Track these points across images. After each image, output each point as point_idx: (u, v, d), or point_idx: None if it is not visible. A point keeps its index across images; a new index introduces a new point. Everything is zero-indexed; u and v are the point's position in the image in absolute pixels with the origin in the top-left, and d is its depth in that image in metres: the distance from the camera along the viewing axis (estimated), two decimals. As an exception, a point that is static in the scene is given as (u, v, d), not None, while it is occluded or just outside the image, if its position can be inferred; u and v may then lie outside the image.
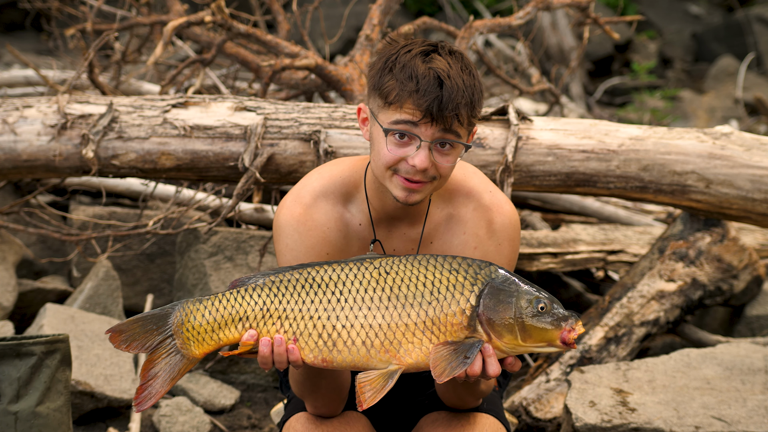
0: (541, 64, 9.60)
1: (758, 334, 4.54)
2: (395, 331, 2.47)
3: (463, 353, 2.44)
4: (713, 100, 10.31)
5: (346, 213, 2.77)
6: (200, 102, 3.99)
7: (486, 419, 2.78)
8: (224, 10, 4.37)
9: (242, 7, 6.83)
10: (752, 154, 3.93)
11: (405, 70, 2.53)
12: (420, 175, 2.57)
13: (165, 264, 4.83)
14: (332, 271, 2.52)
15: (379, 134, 2.60)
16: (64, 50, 6.71)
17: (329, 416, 2.77)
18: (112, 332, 2.53)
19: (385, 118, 2.57)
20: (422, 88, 2.51)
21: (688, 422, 3.41)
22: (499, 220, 2.75)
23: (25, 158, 4.02)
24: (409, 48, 2.58)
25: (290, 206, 2.75)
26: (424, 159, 2.55)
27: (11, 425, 3.06)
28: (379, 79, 2.58)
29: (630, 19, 5.23)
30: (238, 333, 2.51)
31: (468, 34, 4.52)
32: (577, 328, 2.44)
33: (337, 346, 2.48)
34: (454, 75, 2.53)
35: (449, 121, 2.53)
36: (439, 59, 2.55)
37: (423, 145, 2.54)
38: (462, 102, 2.53)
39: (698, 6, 13.48)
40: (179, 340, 2.53)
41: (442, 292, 2.48)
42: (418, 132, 2.54)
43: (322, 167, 2.85)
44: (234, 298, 2.52)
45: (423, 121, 2.53)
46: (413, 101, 2.52)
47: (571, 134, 3.95)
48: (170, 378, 2.54)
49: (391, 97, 2.54)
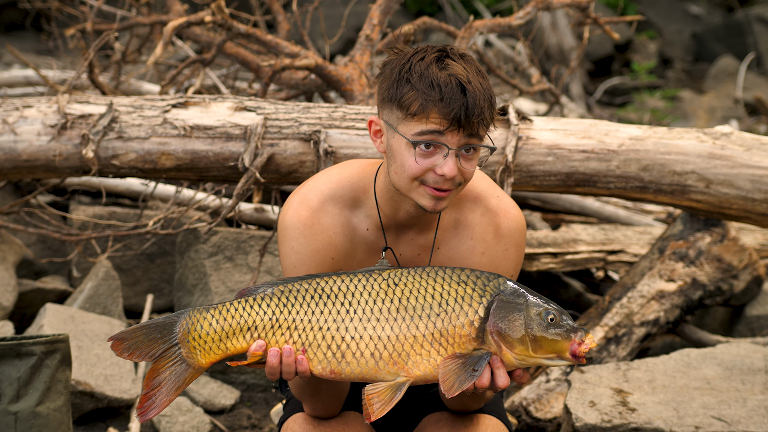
0: (541, 64, 9.60)
1: (758, 334, 4.53)
2: (404, 343, 2.46)
3: (471, 366, 2.44)
4: (713, 100, 10.31)
5: (353, 218, 2.73)
6: (200, 102, 3.99)
7: (489, 420, 2.78)
8: (224, 10, 4.37)
9: (242, 7, 6.82)
10: (752, 154, 3.93)
11: (424, 80, 2.50)
12: (448, 183, 2.55)
13: (165, 264, 4.83)
14: (341, 282, 2.51)
15: (400, 146, 2.56)
16: (64, 50, 6.70)
17: (327, 417, 2.77)
18: (114, 340, 2.50)
19: (407, 130, 2.53)
20: (446, 96, 2.48)
21: (688, 422, 3.41)
22: (506, 225, 2.74)
23: (25, 158, 4.02)
24: (421, 56, 2.54)
25: (297, 208, 2.70)
26: (453, 167, 2.52)
27: (11, 425, 3.06)
28: (396, 91, 2.54)
29: (630, 19, 5.23)
30: (246, 343, 2.50)
31: (468, 34, 4.52)
32: (587, 341, 2.44)
33: (345, 358, 2.47)
34: (472, 79, 2.51)
35: (475, 127, 2.52)
36: (455, 65, 2.52)
37: (450, 153, 2.52)
38: (485, 105, 2.51)
39: (698, 6, 13.48)
40: (185, 349, 2.50)
41: (450, 303, 2.48)
42: (445, 141, 2.51)
43: (330, 170, 2.80)
44: (242, 307, 2.50)
45: (450, 129, 2.50)
46: (438, 110, 2.49)
47: (571, 134, 3.95)
48: (175, 387, 2.51)
49: (414, 108, 2.50)
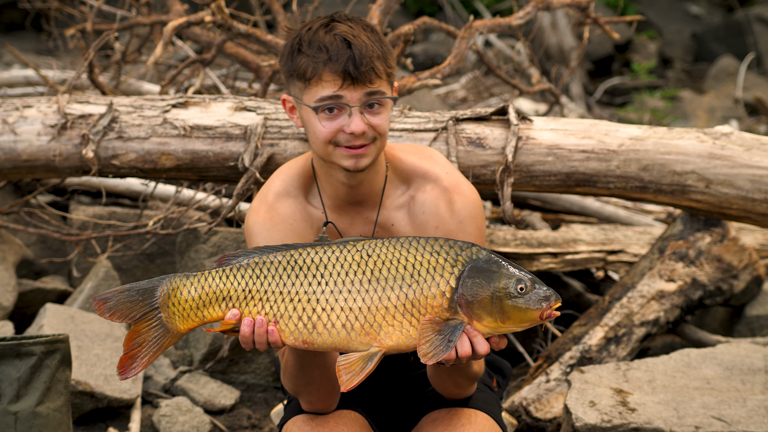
0: (541, 64, 9.60)
1: (758, 334, 4.53)
2: (375, 313, 2.46)
3: (446, 337, 2.43)
4: (713, 100, 10.31)
5: (308, 205, 2.86)
6: (200, 102, 4.00)
7: (486, 420, 2.79)
8: (224, 10, 4.37)
9: (242, 7, 6.83)
10: (752, 154, 3.93)
11: (312, 45, 2.62)
12: (360, 139, 2.65)
13: (165, 264, 4.83)
14: (315, 253, 2.53)
15: (309, 116, 2.67)
16: (64, 50, 6.70)
17: (325, 412, 2.78)
18: (98, 300, 2.57)
19: (309, 98, 2.65)
20: (333, 54, 2.59)
21: (688, 422, 3.41)
22: (458, 200, 2.79)
23: (25, 158, 4.02)
24: (308, 26, 2.67)
25: (256, 209, 2.84)
26: (359, 123, 2.62)
27: (11, 425, 3.06)
28: (291, 63, 2.66)
29: (630, 19, 5.23)
30: (221, 311, 2.54)
31: (468, 34, 4.52)
32: (554, 306, 2.42)
33: (317, 329, 2.48)
34: (358, 34, 2.62)
35: (368, 77, 2.61)
36: (340, 25, 2.64)
37: (354, 111, 2.62)
38: (374, 55, 2.61)
39: (698, 6, 13.48)
40: (165, 313, 2.57)
41: (422, 274, 2.47)
42: (345, 101, 2.62)
43: (282, 167, 2.93)
44: (219, 277, 2.55)
45: (344, 86, 2.60)
46: (330, 69, 2.60)
47: (571, 134, 3.95)
48: (155, 349, 2.58)
49: (308, 73, 2.62)
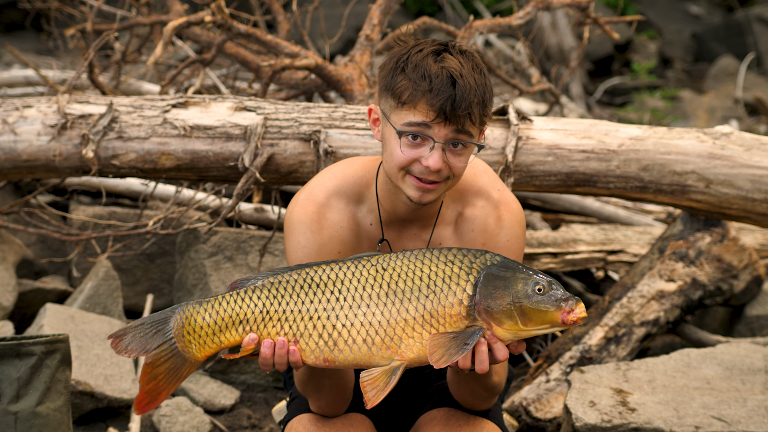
0: (541, 64, 9.60)
1: (758, 334, 4.53)
2: (395, 326, 2.46)
3: (463, 340, 2.43)
4: (713, 100, 10.31)
5: (358, 212, 2.78)
6: (200, 102, 3.99)
7: (485, 423, 2.77)
8: (224, 10, 4.37)
9: (242, 7, 6.82)
10: (752, 154, 3.93)
11: (417, 70, 2.53)
12: (434, 175, 2.58)
13: (165, 264, 4.83)
14: (330, 270, 2.51)
15: (391, 135, 2.60)
16: (64, 50, 6.70)
17: (333, 416, 2.77)
18: (113, 338, 2.53)
19: (397, 119, 2.57)
20: (435, 87, 2.51)
21: (688, 422, 3.41)
22: (507, 217, 2.76)
23: (25, 158, 4.02)
24: (420, 47, 2.58)
25: (303, 204, 2.75)
26: (437, 160, 2.55)
27: (11, 425, 3.06)
28: (391, 79, 2.58)
29: (630, 19, 5.23)
30: (238, 335, 2.51)
31: (468, 34, 4.52)
32: (577, 310, 2.41)
33: (338, 346, 2.47)
34: (466, 74, 2.53)
35: (462, 121, 2.53)
36: (451, 58, 2.55)
37: (436, 146, 2.55)
38: (474, 101, 2.53)
39: (698, 6, 13.48)
40: (180, 343, 2.53)
41: (438, 284, 2.47)
42: (431, 133, 2.54)
43: (335, 166, 2.85)
44: (234, 300, 2.51)
45: (436, 121, 2.53)
46: (426, 101, 2.52)
47: (571, 134, 3.95)
48: (173, 381, 2.54)
49: (404, 97, 2.54)
